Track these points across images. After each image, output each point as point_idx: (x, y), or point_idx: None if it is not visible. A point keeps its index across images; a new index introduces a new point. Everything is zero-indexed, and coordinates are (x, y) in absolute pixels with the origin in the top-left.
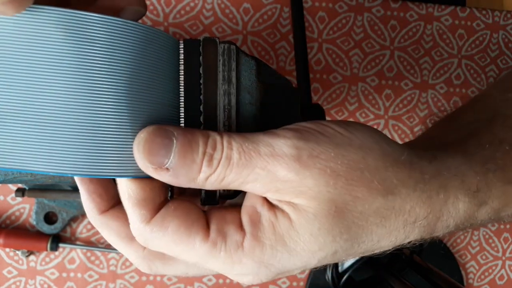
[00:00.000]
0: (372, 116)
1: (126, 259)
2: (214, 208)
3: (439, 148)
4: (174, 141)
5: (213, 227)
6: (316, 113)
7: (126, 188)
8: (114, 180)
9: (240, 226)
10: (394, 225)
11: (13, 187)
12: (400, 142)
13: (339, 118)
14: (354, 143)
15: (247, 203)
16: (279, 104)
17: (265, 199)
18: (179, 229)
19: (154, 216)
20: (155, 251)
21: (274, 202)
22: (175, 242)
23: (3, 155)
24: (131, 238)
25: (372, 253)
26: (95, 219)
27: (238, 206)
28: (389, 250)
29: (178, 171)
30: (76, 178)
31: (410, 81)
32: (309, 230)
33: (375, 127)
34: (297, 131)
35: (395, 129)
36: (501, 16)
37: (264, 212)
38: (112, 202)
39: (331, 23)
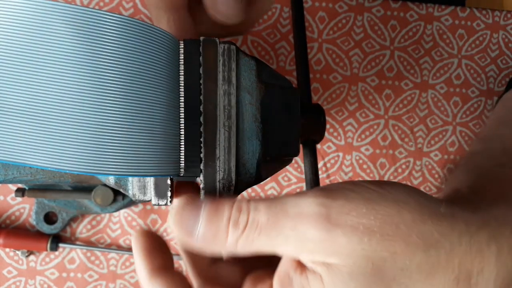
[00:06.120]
0: (372, 116)
1: (126, 259)
2: (249, 274)
3: (476, 197)
4: (202, 209)
5: None
6: (316, 113)
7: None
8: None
9: None
10: (443, 283)
11: (13, 187)
12: (400, 142)
13: (339, 118)
14: (387, 198)
15: (280, 269)
16: (279, 104)
17: (298, 263)
18: None
19: None
20: None
21: (308, 264)
22: None
23: (3, 148)
24: None
25: None
26: (145, 279)
27: (273, 273)
28: None
29: (207, 237)
30: (134, 243)
31: (410, 81)
32: None
33: (375, 127)
34: (326, 190)
35: (395, 129)
36: (501, 16)
37: (296, 277)
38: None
39: (331, 23)
